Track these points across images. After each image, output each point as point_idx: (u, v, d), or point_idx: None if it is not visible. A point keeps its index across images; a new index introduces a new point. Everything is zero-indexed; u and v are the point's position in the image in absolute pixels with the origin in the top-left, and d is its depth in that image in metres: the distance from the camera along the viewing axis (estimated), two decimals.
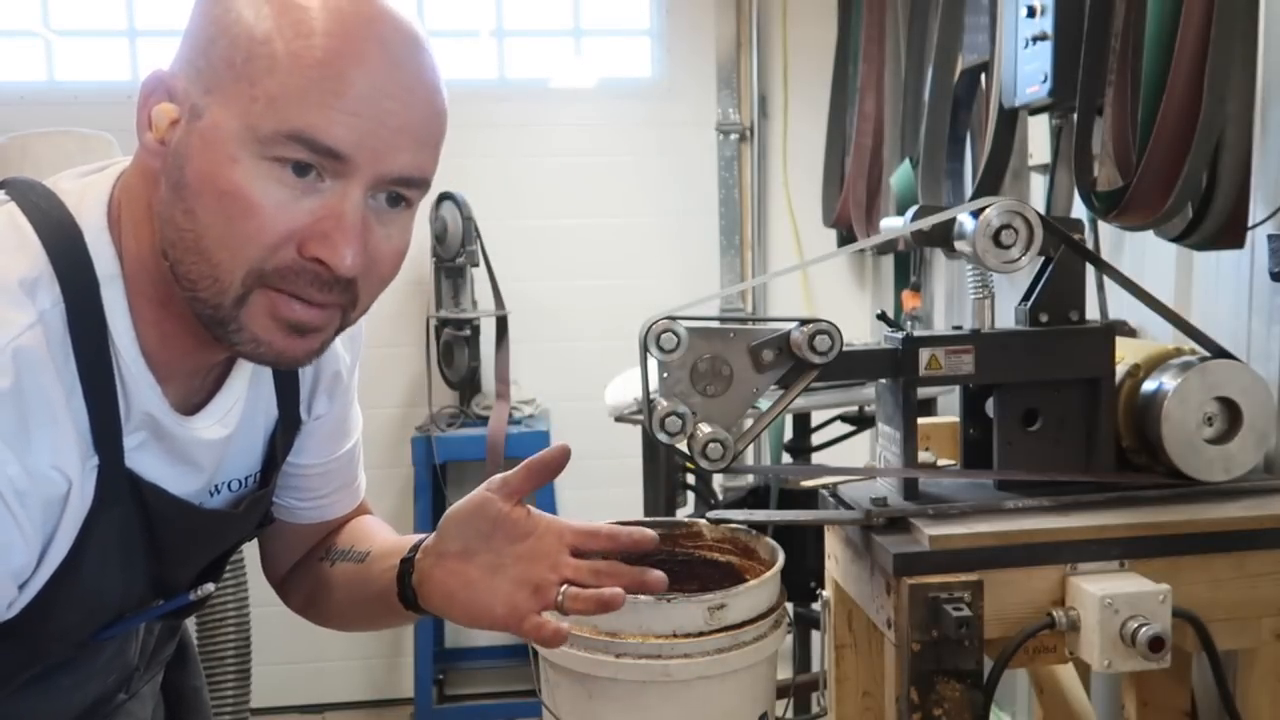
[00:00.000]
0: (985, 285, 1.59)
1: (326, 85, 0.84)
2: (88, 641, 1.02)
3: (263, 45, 0.84)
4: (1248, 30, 1.64)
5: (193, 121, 0.87)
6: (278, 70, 0.84)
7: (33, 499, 0.87)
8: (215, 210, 0.86)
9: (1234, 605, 1.49)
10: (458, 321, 3.61)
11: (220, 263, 0.87)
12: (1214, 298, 1.93)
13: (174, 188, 0.88)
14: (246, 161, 0.85)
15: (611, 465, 3.35)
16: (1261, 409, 1.56)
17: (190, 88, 0.87)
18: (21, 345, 0.85)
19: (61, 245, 0.90)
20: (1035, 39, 1.96)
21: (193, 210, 0.87)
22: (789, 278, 3.88)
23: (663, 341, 1.45)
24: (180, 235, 0.88)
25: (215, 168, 0.85)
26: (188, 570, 1.10)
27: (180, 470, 1.02)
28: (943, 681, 1.40)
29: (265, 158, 0.85)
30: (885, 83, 3.09)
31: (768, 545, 1.49)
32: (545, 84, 3.85)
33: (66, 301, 0.89)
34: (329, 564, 1.25)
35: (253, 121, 0.84)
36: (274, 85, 0.84)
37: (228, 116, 0.85)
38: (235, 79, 0.85)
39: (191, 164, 0.86)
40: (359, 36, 0.86)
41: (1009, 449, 1.58)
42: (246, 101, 0.84)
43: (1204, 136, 1.62)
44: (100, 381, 0.91)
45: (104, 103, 3.55)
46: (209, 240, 0.87)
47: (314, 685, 3.93)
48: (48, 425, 0.87)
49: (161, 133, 0.89)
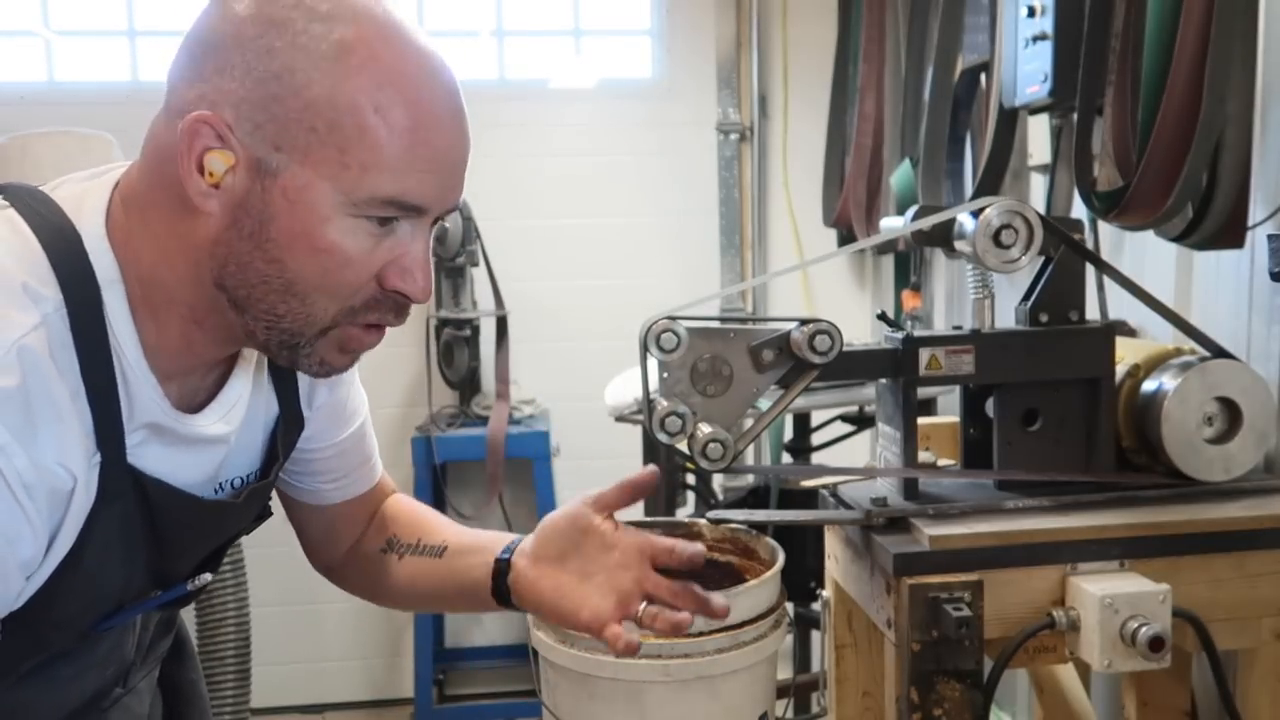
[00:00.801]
0: (985, 285, 1.59)
1: (415, 151, 0.91)
2: (88, 632, 1.03)
3: (349, 115, 0.89)
4: (1248, 30, 1.64)
5: (266, 177, 0.90)
6: (368, 140, 0.89)
7: (39, 492, 0.89)
8: (310, 263, 0.92)
9: (1234, 605, 1.49)
10: (458, 321, 3.61)
11: (316, 303, 0.95)
12: (1214, 298, 1.93)
13: (253, 237, 0.92)
14: (338, 220, 0.91)
15: (611, 465, 3.33)
16: (1261, 409, 1.56)
17: (250, 140, 0.90)
18: (26, 344, 0.87)
19: (62, 250, 0.92)
20: (1035, 39, 1.96)
21: (281, 260, 0.92)
22: (789, 278, 3.88)
23: (663, 341, 1.45)
24: (264, 280, 0.93)
25: (308, 227, 0.91)
26: (187, 562, 1.12)
27: (183, 465, 1.03)
28: (943, 681, 1.40)
29: (356, 216, 0.92)
30: (885, 83, 3.09)
31: (768, 545, 1.49)
32: (545, 84, 3.85)
33: (68, 305, 0.91)
34: (396, 556, 1.31)
35: (346, 187, 0.90)
36: (366, 155, 0.90)
37: (315, 179, 0.90)
38: (320, 144, 0.89)
39: (278, 221, 0.91)
40: (433, 98, 0.92)
41: (1009, 449, 1.58)
42: (337, 167, 0.90)
43: (1204, 136, 1.62)
44: (102, 382, 0.93)
45: (104, 103, 3.56)
46: (303, 286, 0.93)
47: (314, 685, 3.93)
48: (53, 423, 0.89)
49: (217, 179, 0.91)
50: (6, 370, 0.86)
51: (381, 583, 1.32)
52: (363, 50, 0.90)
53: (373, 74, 0.90)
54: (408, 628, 3.83)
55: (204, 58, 0.91)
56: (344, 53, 0.89)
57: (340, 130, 0.89)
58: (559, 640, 1.38)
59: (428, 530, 1.32)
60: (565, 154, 3.85)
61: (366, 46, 0.90)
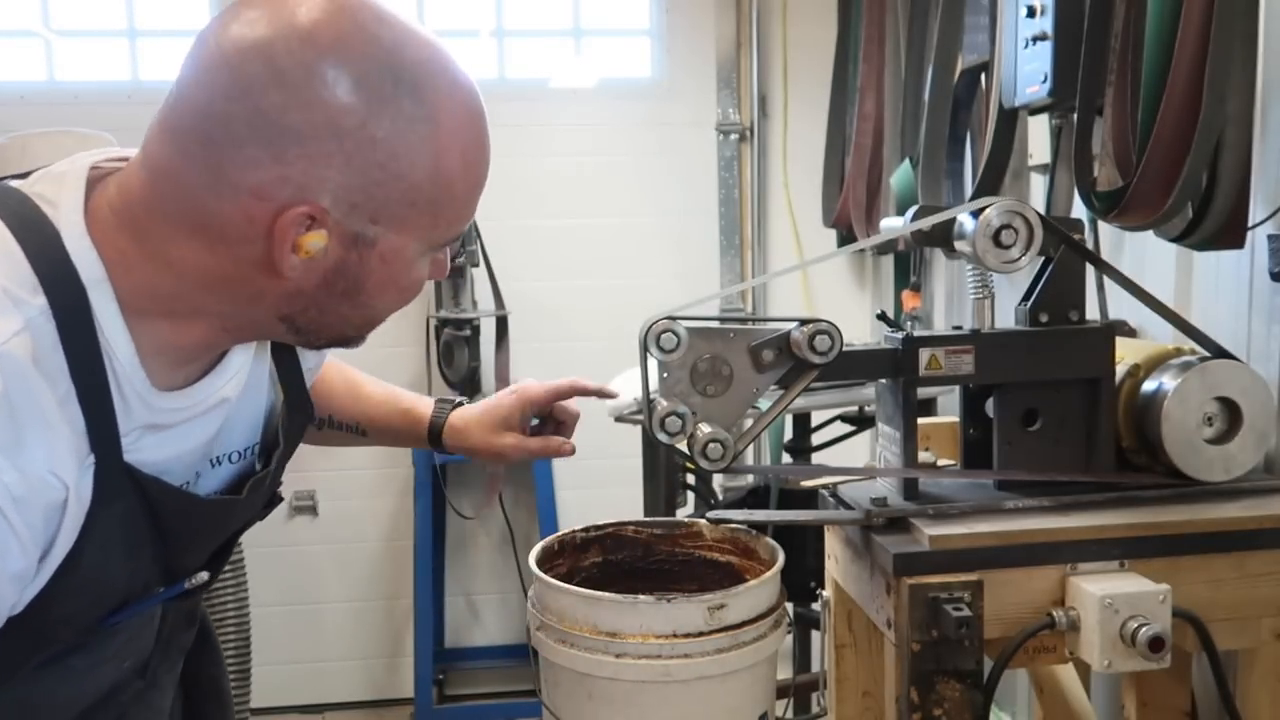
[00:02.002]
0: (985, 285, 1.59)
1: (479, 192, 1.01)
2: (95, 628, 1.03)
3: (445, 190, 0.96)
4: (1248, 30, 1.64)
5: (363, 247, 0.95)
6: (456, 202, 0.98)
7: (31, 505, 0.87)
8: (394, 299, 1.02)
9: (1234, 605, 1.49)
10: (458, 321, 3.61)
11: (383, 318, 1.05)
12: (1214, 298, 1.93)
13: (345, 294, 0.98)
14: (421, 262, 1.01)
15: (611, 465, 3.34)
16: (1261, 409, 1.56)
17: (346, 218, 0.93)
18: (8, 352, 0.85)
19: (42, 251, 0.90)
20: (1035, 39, 1.96)
21: (371, 304, 1.01)
22: (789, 278, 3.88)
23: (663, 341, 1.45)
24: (344, 319, 1.02)
25: (399, 276, 1.00)
26: (196, 556, 1.12)
27: (179, 446, 1.03)
28: (943, 681, 1.40)
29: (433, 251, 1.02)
30: (885, 83, 3.09)
31: (768, 545, 1.49)
32: (545, 84, 3.85)
33: (54, 307, 0.89)
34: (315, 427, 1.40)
35: (435, 239, 1.00)
36: (453, 213, 0.99)
37: (409, 240, 0.97)
38: (419, 214, 0.96)
39: (373, 278, 0.98)
40: (487, 142, 1.00)
41: (1009, 449, 1.58)
42: (429, 228, 0.98)
43: (1204, 136, 1.62)
44: (94, 383, 0.92)
45: (104, 103, 3.56)
46: (381, 314, 1.04)
47: (314, 685, 3.93)
48: (41, 431, 0.87)
49: (309, 255, 0.94)
50: None
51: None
52: (447, 122, 0.94)
53: (458, 144, 0.95)
54: (408, 628, 3.84)
55: (285, 143, 0.88)
56: (434, 128, 0.93)
57: (438, 201, 0.96)
58: (559, 640, 1.38)
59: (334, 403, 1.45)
60: (565, 154, 3.85)
61: (449, 116, 0.94)
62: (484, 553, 4.01)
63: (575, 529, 1.60)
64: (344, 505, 3.85)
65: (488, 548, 4.01)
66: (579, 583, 1.47)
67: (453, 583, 3.99)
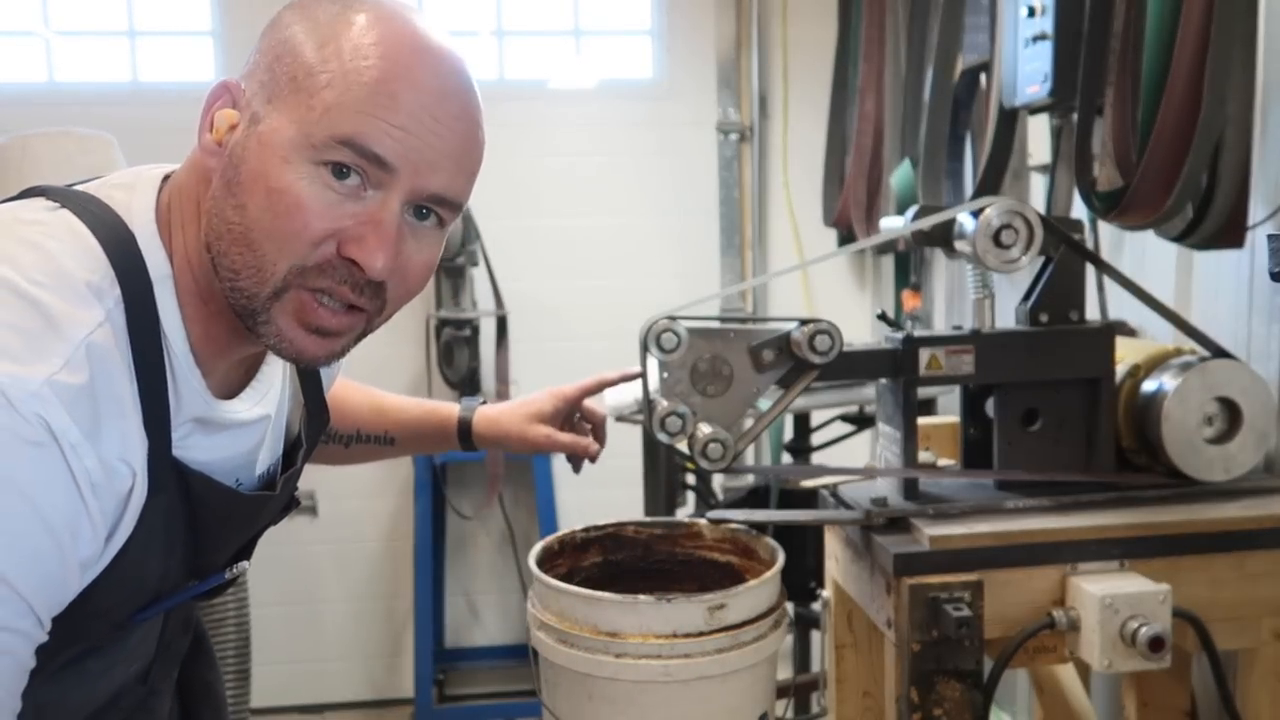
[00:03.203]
0: (985, 285, 1.59)
1: (379, 100, 0.93)
2: (125, 623, 1.04)
3: (323, 63, 0.93)
4: (1248, 31, 1.64)
5: (252, 126, 0.94)
6: (335, 85, 0.92)
7: (105, 491, 0.90)
8: (265, 206, 0.93)
9: (1234, 605, 1.49)
10: (458, 321, 3.62)
11: (265, 254, 0.94)
12: (1214, 298, 1.93)
13: (227, 185, 0.95)
14: (298, 164, 0.93)
15: (611, 465, 3.34)
16: (1261, 409, 1.56)
17: (253, 98, 0.95)
18: (94, 341, 0.89)
19: (118, 248, 0.95)
20: (1035, 39, 1.96)
21: (244, 205, 0.94)
22: (789, 278, 3.88)
23: (663, 341, 1.45)
24: (229, 228, 0.95)
25: (269, 167, 0.93)
26: (224, 553, 1.13)
27: (224, 451, 1.05)
28: (943, 681, 1.40)
29: (315, 162, 0.93)
30: (885, 83, 3.09)
31: (768, 545, 1.49)
32: (545, 84, 3.85)
33: (125, 301, 0.93)
34: (341, 446, 1.46)
35: (308, 129, 0.92)
36: (331, 97, 0.92)
37: (285, 123, 0.93)
38: (295, 91, 0.93)
39: (247, 164, 0.94)
40: (414, 63, 0.94)
41: (1009, 449, 1.58)
42: (304, 111, 0.92)
43: (1204, 136, 1.62)
44: (154, 376, 0.95)
45: (104, 103, 3.56)
46: (257, 233, 0.94)
47: (314, 685, 3.93)
48: (117, 419, 0.91)
49: (220, 135, 0.96)
50: (77, 368, 0.87)
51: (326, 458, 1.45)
52: (361, 19, 0.94)
53: (360, 33, 0.93)
54: (408, 628, 3.84)
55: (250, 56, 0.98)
56: (343, 20, 0.94)
57: (314, 78, 0.93)
58: (559, 640, 1.38)
59: (359, 418, 1.46)
60: (565, 154, 3.85)
61: (368, 16, 0.94)
62: (484, 553, 4.01)
63: (575, 529, 1.61)
64: (344, 505, 3.85)
65: (488, 548, 4.01)
66: (579, 583, 1.47)
67: (453, 583, 3.98)
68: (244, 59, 0.99)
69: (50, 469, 0.86)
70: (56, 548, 0.87)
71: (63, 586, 0.90)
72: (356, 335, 1.01)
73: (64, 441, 0.86)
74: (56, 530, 0.87)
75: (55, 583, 0.89)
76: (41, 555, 0.87)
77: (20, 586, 0.85)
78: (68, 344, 0.87)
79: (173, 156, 1.07)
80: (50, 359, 0.86)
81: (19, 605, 0.86)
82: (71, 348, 0.87)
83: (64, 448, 0.86)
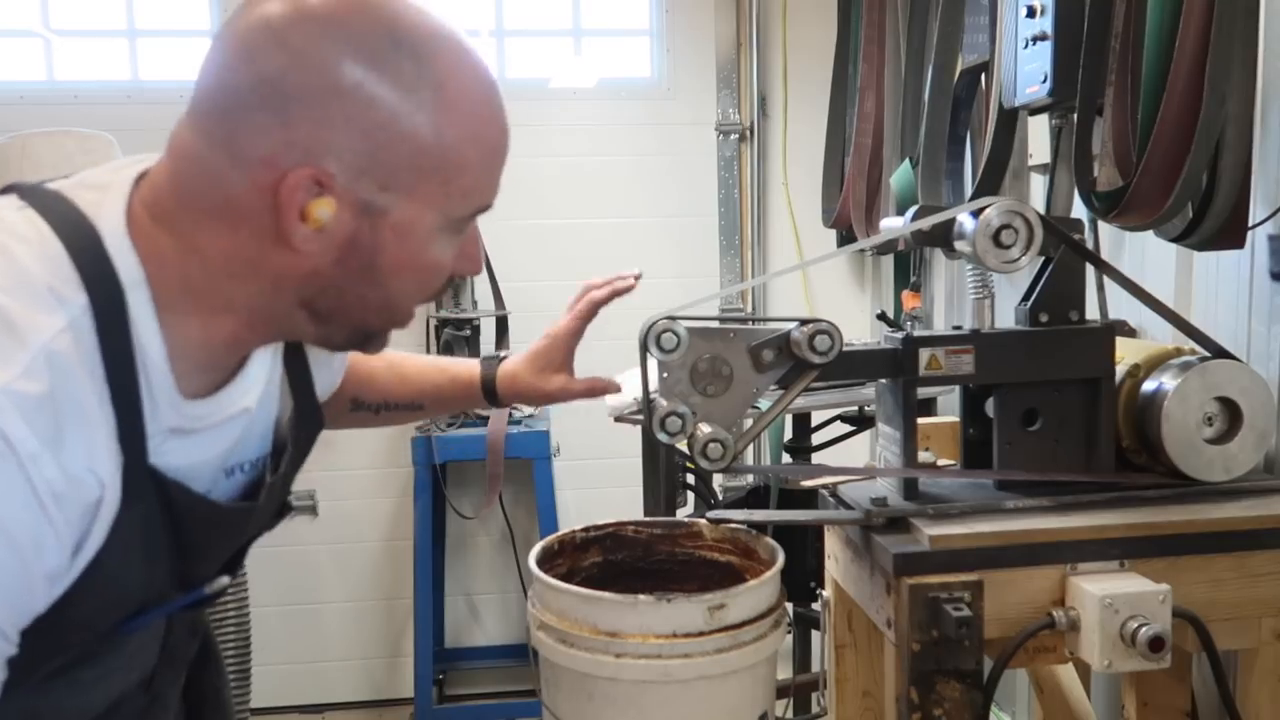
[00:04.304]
0: (985, 285, 1.59)
1: (496, 164, 1.02)
2: (110, 635, 1.02)
3: (453, 153, 0.95)
4: (1248, 31, 1.64)
5: (375, 217, 0.94)
6: (468, 169, 0.97)
7: (69, 501, 0.88)
8: (412, 281, 1.00)
9: (1234, 605, 1.49)
10: (458, 321, 3.61)
11: (405, 308, 1.03)
12: (1214, 298, 1.93)
13: (360, 271, 0.97)
14: (442, 239, 0.99)
15: (611, 465, 3.35)
16: (1261, 409, 1.56)
17: (354, 185, 0.92)
18: (54, 349, 0.86)
19: (84, 251, 0.91)
20: (1035, 39, 1.96)
21: (385, 285, 0.98)
22: (789, 278, 3.88)
23: (663, 341, 1.45)
24: (363, 300, 0.99)
25: (415, 254, 0.98)
26: (211, 564, 1.11)
27: (202, 453, 1.03)
28: (943, 681, 1.40)
29: (451, 230, 1.00)
30: (885, 83, 3.09)
31: (768, 545, 1.49)
32: (545, 84, 3.85)
33: (94, 306, 0.90)
34: (371, 413, 1.48)
35: (450, 211, 0.98)
36: (468, 182, 0.98)
37: (422, 210, 0.96)
38: (427, 180, 0.95)
39: (386, 253, 0.96)
40: (499, 110, 1.01)
41: (1009, 449, 1.58)
42: (441, 198, 0.96)
43: (1204, 136, 1.62)
44: (126, 383, 0.92)
45: (104, 103, 3.57)
46: (402, 300, 1.02)
47: (314, 685, 3.93)
48: (81, 427, 0.88)
49: (319, 224, 0.93)
50: (35, 376, 0.84)
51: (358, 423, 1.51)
52: (452, 86, 0.94)
53: (464, 107, 0.95)
54: (408, 628, 3.84)
55: (288, 107, 0.89)
56: (439, 92, 0.93)
57: (445, 167, 0.95)
58: (559, 640, 1.38)
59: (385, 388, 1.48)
60: (565, 154, 3.85)
61: (455, 80, 0.95)
62: (484, 553, 4.01)
63: (575, 529, 1.61)
64: (344, 505, 3.85)
65: (488, 548, 4.01)
66: (579, 583, 1.47)
67: (453, 583, 3.98)
68: None
69: (6, 479, 0.83)
70: (18, 559, 0.85)
71: (28, 598, 0.88)
72: None
73: (21, 451, 0.83)
74: (17, 541, 0.84)
75: (18, 595, 0.87)
76: (2, 568, 0.84)
77: None
78: (26, 350, 0.85)
79: None
80: (7, 367, 0.84)
81: None
82: (30, 355, 0.85)
83: (21, 457, 0.83)
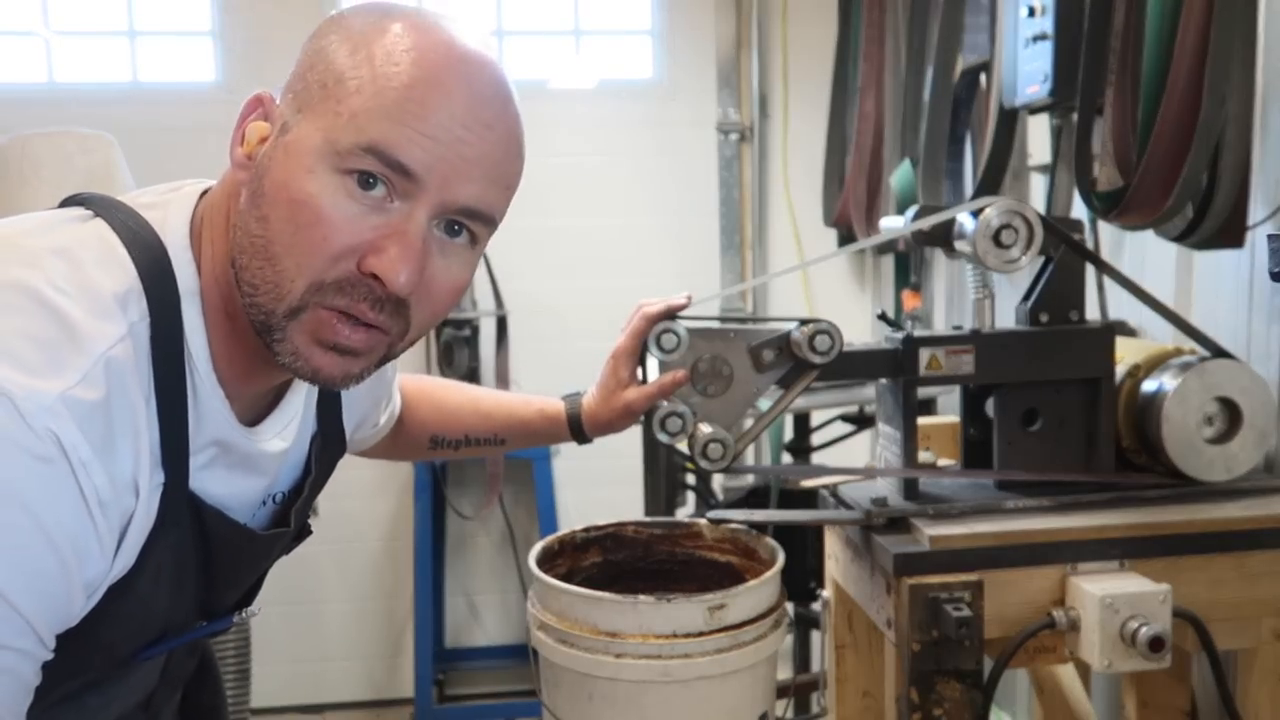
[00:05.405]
0: (985, 285, 1.59)
1: (407, 107, 0.89)
2: (128, 660, 1.01)
3: (354, 69, 0.90)
4: (1248, 30, 1.64)
5: (281, 136, 0.92)
6: (364, 90, 0.89)
7: (112, 510, 0.88)
8: (286, 218, 0.89)
9: (1234, 605, 1.49)
10: (458, 321, 3.62)
11: (284, 270, 0.90)
12: (1214, 298, 1.93)
13: (252, 196, 0.92)
14: (322, 174, 0.89)
15: (611, 465, 3.34)
16: (1261, 409, 1.56)
17: (285, 109, 0.93)
18: (113, 357, 0.87)
19: (149, 261, 0.92)
20: (1035, 39, 1.96)
21: (266, 217, 0.90)
22: (789, 278, 3.88)
23: (663, 341, 1.45)
24: (251, 241, 0.91)
25: (292, 177, 0.89)
26: (234, 592, 1.12)
27: (242, 485, 1.03)
28: (943, 681, 1.40)
29: (340, 171, 0.89)
30: (885, 83, 3.09)
31: (768, 545, 1.49)
32: (545, 84, 3.85)
33: (151, 317, 0.91)
34: (450, 449, 1.49)
35: (334, 136, 0.89)
36: (359, 103, 0.89)
37: (312, 131, 0.90)
38: (325, 98, 0.90)
39: (271, 174, 0.91)
40: (445, 69, 0.91)
41: (1009, 449, 1.58)
42: (331, 118, 0.89)
43: (1204, 136, 1.62)
44: (174, 397, 0.92)
45: (104, 103, 3.56)
46: (278, 246, 0.90)
47: (314, 685, 3.93)
48: (130, 437, 0.88)
49: (251, 148, 0.93)
50: (93, 384, 0.84)
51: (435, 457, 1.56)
52: (396, 27, 0.92)
53: (393, 39, 0.91)
54: (408, 628, 3.84)
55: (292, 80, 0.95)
56: (377, 27, 0.92)
57: (343, 84, 0.90)
58: (559, 640, 1.38)
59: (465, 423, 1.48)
60: (565, 154, 3.85)
61: (403, 24, 0.92)
62: (484, 553, 4.01)
63: (575, 529, 1.61)
64: (344, 505, 3.85)
65: (488, 548, 4.01)
66: (579, 583, 1.47)
67: (453, 583, 3.98)
68: (244, 59, 1.00)
69: (57, 485, 0.83)
70: (60, 565, 0.84)
71: (66, 605, 0.87)
72: (378, 358, 0.96)
73: (74, 458, 0.83)
74: (60, 547, 0.84)
75: (58, 601, 0.86)
76: (44, 572, 0.84)
77: (20, 604, 0.82)
78: (87, 358, 0.85)
79: (173, 156, 1.07)
80: (67, 373, 0.84)
81: (18, 623, 0.83)
82: (90, 362, 0.85)
83: (73, 464, 0.83)
